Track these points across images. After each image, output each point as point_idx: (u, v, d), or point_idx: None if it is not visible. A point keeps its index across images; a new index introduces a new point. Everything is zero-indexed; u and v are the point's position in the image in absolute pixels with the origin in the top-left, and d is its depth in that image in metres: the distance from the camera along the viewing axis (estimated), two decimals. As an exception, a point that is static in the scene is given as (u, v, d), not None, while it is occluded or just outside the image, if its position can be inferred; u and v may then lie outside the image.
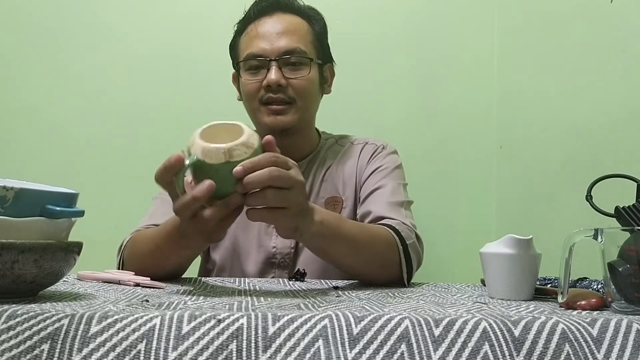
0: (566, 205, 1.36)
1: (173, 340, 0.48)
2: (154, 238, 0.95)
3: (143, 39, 1.67)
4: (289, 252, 1.16)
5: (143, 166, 1.59)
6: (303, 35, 1.17)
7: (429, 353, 0.50)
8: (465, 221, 1.71)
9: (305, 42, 1.16)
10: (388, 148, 1.24)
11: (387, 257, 0.97)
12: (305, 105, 1.16)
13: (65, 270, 0.63)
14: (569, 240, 0.67)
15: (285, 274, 1.14)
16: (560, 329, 0.53)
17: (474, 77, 1.75)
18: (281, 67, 1.13)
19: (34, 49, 1.66)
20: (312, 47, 1.18)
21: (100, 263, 0.96)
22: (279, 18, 1.17)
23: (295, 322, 0.51)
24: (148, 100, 1.66)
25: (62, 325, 0.49)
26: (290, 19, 1.18)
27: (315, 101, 1.21)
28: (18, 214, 0.59)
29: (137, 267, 0.93)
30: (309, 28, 1.19)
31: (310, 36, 1.19)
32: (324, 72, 1.22)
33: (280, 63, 1.13)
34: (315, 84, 1.18)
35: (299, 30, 1.17)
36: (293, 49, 1.14)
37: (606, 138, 1.26)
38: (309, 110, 1.19)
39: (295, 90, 1.14)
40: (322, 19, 1.22)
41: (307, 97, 1.16)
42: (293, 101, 1.14)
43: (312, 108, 1.21)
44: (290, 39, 1.15)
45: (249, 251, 1.17)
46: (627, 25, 1.22)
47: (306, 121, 1.20)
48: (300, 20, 1.19)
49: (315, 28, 1.20)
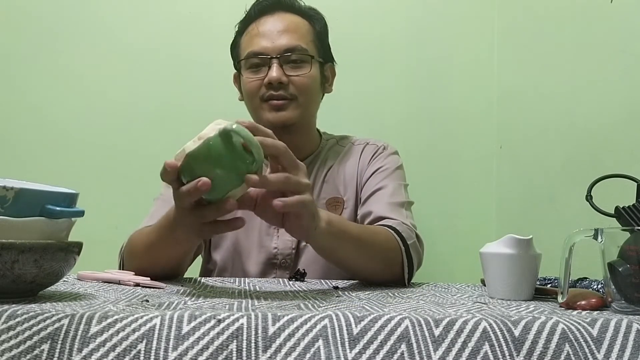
0: (566, 205, 1.36)
1: (173, 340, 0.48)
2: (148, 235, 0.96)
3: (143, 39, 1.67)
4: (290, 253, 1.16)
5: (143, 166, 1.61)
6: (304, 33, 1.18)
7: (429, 353, 0.50)
8: (465, 221, 1.71)
9: (306, 41, 1.17)
10: (389, 149, 1.25)
11: (389, 256, 0.97)
12: (306, 101, 1.17)
13: (65, 270, 0.63)
14: (569, 240, 0.67)
15: (286, 275, 1.14)
16: (560, 329, 0.53)
17: (474, 77, 1.75)
18: (282, 65, 1.14)
19: (33, 49, 1.66)
20: (313, 45, 1.19)
21: (100, 263, 0.96)
22: (280, 17, 1.17)
23: (295, 322, 0.51)
24: (148, 100, 1.66)
25: (62, 325, 0.49)
26: (291, 18, 1.18)
27: (316, 99, 1.22)
28: (18, 214, 0.59)
29: (135, 266, 0.94)
30: (310, 27, 1.20)
31: (311, 35, 1.19)
32: (325, 71, 1.23)
33: (282, 61, 1.14)
34: (317, 81, 1.19)
35: (300, 29, 1.17)
36: (294, 47, 1.14)
37: (606, 138, 1.26)
38: (309, 107, 1.19)
39: (296, 87, 1.14)
40: (322, 18, 1.23)
41: (308, 94, 1.17)
42: (294, 98, 1.15)
43: (313, 105, 1.21)
44: (292, 37, 1.15)
45: (250, 252, 1.17)
46: (627, 25, 1.22)
47: (307, 118, 1.20)
48: (301, 20, 1.19)
49: (316, 27, 1.21)
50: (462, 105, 1.73)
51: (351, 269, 0.99)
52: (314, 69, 1.17)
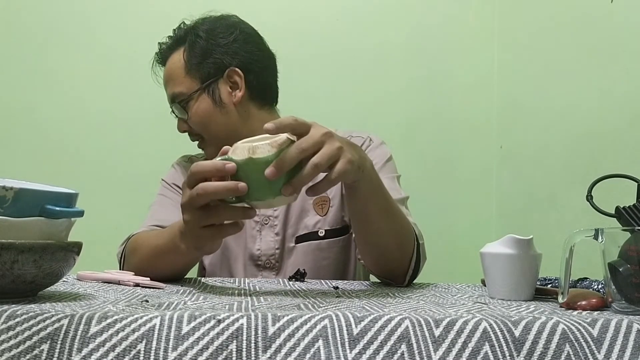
0: (566, 206, 1.36)
1: (173, 341, 0.48)
2: (152, 241, 0.96)
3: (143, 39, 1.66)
4: (274, 254, 1.16)
5: (143, 166, 1.61)
6: (178, 74, 1.16)
7: (429, 353, 0.50)
8: (465, 221, 1.71)
9: (180, 79, 1.15)
10: (375, 140, 1.19)
11: (405, 239, 0.93)
12: (210, 132, 1.16)
13: (64, 271, 0.63)
14: (569, 240, 0.67)
15: (272, 275, 1.15)
16: (560, 329, 0.53)
17: (474, 78, 1.75)
18: (176, 115, 1.18)
19: (33, 50, 1.66)
20: (189, 78, 1.15)
21: (100, 263, 0.95)
22: (164, 70, 1.20)
23: (295, 323, 0.51)
24: (148, 101, 1.65)
25: (61, 325, 0.49)
26: (169, 64, 1.18)
27: (220, 120, 1.15)
28: (18, 214, 0.59)
29: (136, 268, 0.93)
30: (184, 56, 1.15)
31: (185, 67, 1.15)
32: (218, 88, 1.15)
33: (174, 111, 1.18)
34: (208, 108, 1.14)
35: (174, 72, 1.17)
36: (173, 96, 1.16)
37: (606, 138, 1.26)
38: (219, 133, 1.15)
39: (195, 127, 1.16)
40: (205, 29, 1.16)
41: (206, 126, 1.15)
42: (202, 136, 1.17)
43: (220, 127, 1.15)
44: (170, 87, 1.17)
45: (237, 255, 1.18)
46: (627, 26, 1.22)
47: (234, 134, 1.11)
48: (176, 55, 1.17)
49: (194, 49, 1.15)
50: (463, 106, 1.74)
51: (371, 234, 0.91)
52: (201, 99, 1.14)
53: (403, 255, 0.93)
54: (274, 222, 1.18)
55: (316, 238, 1.16)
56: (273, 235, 1.17)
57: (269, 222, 1.18)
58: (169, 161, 1.27)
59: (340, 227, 1.18)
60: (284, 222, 1.18)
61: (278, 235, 1.17)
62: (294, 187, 0.69)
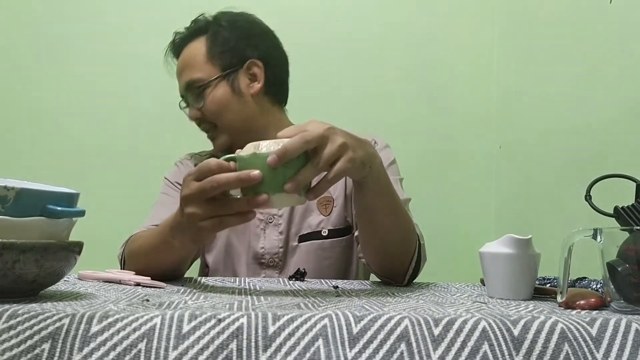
0: (565, 205, 1.36)
1: (173, 340, 0.49)
2: (148, 239, 0.96)
3: (144, 40, 1.67)
4: (277, 252, 1.17)
5: (143, 166, 1.62)
6: (197, 60, 1.16)
7: (429, 352, 0.51)
8: (464, 221, 1.71)
9: (200, 66, 1.15)
10: (379, 143, 1.19)
11: (409, 238, 0.93)
12: (225, 122, 1.16)
13: (66, 270, 0.63)
14: (568, 240, 0.67)
15: (275, 274, 1.15)
16: (559, 329, 0.53)
17: (473, 78, 1.75)
18: (190, 102, 1.17)
19: (35, 50, 1.66)
20: (210, 65, 1.15)
21: (101, 263, 0.96)
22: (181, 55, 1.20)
23: (295, 322, 0.51)
24: (148, 101, 1.66)
25: (62, 324, 0.49)
26: (187, 51, 1.18)
27: (236, 109, 1.16)
28: (19, 214, 0.59)
29: (135, 266, 0.94)
30: (205, 44, 1.16)
31: (207, 54, 1.16)
32: (237, 78, 1.16)
33: (188, 98, 1.17)
34: (225, 96, 1.15)
35: (192, 58, 1.17)
36: (189, 82, 1.16)
37: (605, 138, 1.26)
38: (233, 122, 1.16)
39: (210, 115, 1.16)
40: (227, 20, 1.18)
41: (221, 115, 1.15)
42: (214, 125, 1.17)
43: (236, 116, 1.16)
44: (186, 73, 1.17)
45: (240, 253, 1.19)
46: (627, 25, 1.22)
47: (246, 126, 1.16)
48: (195, 43, 1.17)
49: (217, 38, 1.16)
50: (462, 105, 1.74)
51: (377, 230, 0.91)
52: (219, 86, 1.14)
53: (405, 254, 0.93)
54: (279, 221, 1.18)
55: (319, 237, 1.17)
56: (277, 234, 1.17)
57: (273, 220, 1.18)
58: (171, 161, 1.27)
59: (343, 228, 1.18)
60: (288, 221, 1.18)
61: (282, 234, 1.17)
62: (296, 183, 0.70)
